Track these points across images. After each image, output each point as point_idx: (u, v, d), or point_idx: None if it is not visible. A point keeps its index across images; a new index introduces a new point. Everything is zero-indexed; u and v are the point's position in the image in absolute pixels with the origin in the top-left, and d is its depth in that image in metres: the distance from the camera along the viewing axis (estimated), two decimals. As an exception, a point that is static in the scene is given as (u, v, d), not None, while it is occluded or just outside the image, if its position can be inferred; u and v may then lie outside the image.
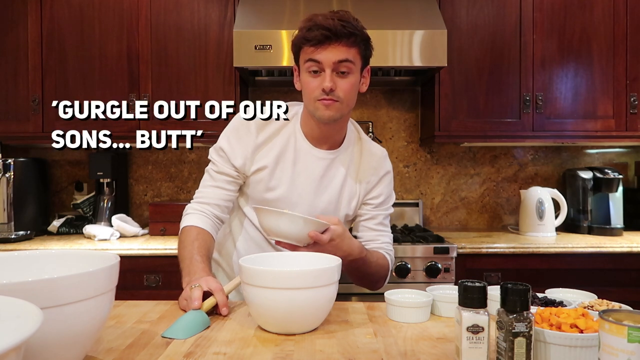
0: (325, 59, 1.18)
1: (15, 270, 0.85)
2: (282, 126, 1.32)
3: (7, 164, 2.32)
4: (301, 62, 1.24)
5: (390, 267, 1.37)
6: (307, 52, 1.21)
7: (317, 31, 1.17)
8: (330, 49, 1.18)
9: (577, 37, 2.43)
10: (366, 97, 2.79)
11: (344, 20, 1.18)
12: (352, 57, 1.20)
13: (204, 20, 2.42)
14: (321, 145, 1.31)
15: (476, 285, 0.75)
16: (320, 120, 1.24)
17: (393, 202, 1.42)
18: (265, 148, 1.30)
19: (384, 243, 1.37)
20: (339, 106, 1.22)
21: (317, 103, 1.21)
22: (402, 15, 2.32)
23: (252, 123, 1.30)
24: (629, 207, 2.57)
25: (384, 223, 1.39)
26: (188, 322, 0.96)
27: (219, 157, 1.32)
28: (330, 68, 1.19)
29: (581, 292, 1.02)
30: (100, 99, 2.41)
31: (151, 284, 2.14)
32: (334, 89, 1.19)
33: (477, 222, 2.82)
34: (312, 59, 1.20)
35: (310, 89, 1.22)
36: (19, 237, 2.28)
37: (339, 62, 1.18)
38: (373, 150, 1.38)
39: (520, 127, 2.43)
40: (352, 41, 1.19)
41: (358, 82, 1.25)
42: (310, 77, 1.22)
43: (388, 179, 1.38)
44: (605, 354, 0.64)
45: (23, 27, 2.41)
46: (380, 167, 1.37)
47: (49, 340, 0.67)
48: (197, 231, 1.26)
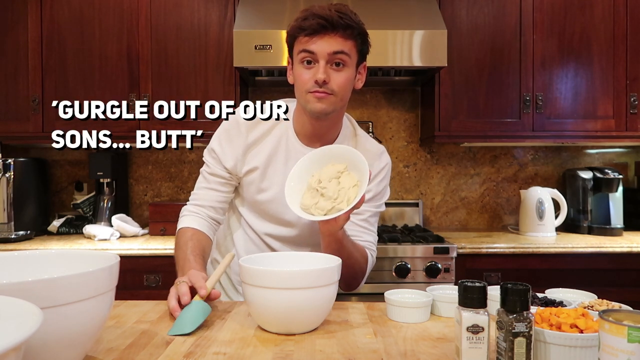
0: (320, 50, 1.15)
1: (15, 270, 0.85)
2: (274, 126, 1.28)
3: (7, 164, 2.32)
4: (295, 52, 1.20)
5: (369, 267, 1.30)
6: (302, 42, 1.17)
7: (313, 20, 1.13)
8: (326, 38, 1.14)
9: (577, 37, 2.43)
10: (366, 97, 2.79)
11: (341, 12, 1.15)
12: (347, 50, 1.16)
13: (204, 20, 2.42)
14: (313, 144, 1.27)
15: (476, 285, 0.75)
16: (311, 114, 1.21)
17: (385, 200, 1.36)
18: (256, 149, 1.27)
19: (367, 242, 1.31)
20: (332, 99, 1.18)
21: (309, 95, 1.18)
22: (402, 15, 2.32)
23: (242, 123, 1.27)
24: (629, 207, 2.57)
25: (369, 221, 1.32)
26: (189, 315, 0.96)
27: (212, 159, 1.30)
28: (324, 59, 1.15)
29: (581, 292, 1.02)
30: (100, 99, 2.41)
31: (151, 284, 2.14)
32: (328, 82, 1.15)
33: (477, 222, 2.82)
34: (306, 49, 1.16)
35: (303, 80, 1.18)
36: (19, 237, 2.28)
37: (334, 53, 1.15)
38: (367, 146, 1.33)
39: (520, 127, 2.43)
40: (349, 33, 1.15)
41: (353, 77, 1.21)
42: (304, 68, 1.18)
43: (380, 177, 1.32)
44: (605, 354, 0.64)
45: (23, 27, 2.41)
46: (373, 165, 1.29)
47: (49, 340, 0.67)
48: (191, 232, 1.25)
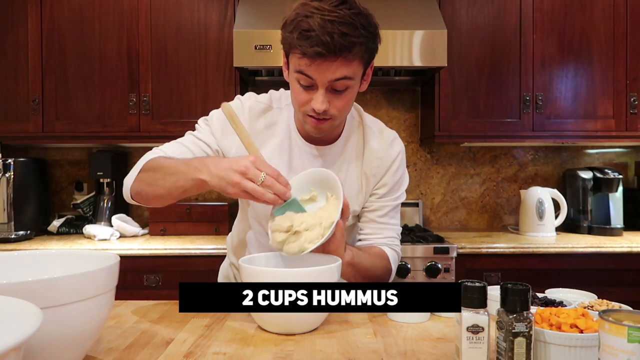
0: (319, 77, 1.01)
1: (15, 270, 0.85)
2: (274, 121, 1.20)
3: (7, 164, 2.32)
4: (290, 64, 1.06)
5: (394, 264, 1.24)
6: (298, 60, 1.02)
7: (311, 48, 0.97)
8: (326, 65, 0.99)
9: (577, 37, 2.43)
10: (366, 97, 2.79)
11: (347, 24, 0.96)
12: (351, 73, 1.02)
13: (204, 20, 2.42)
14: (316, 142, 1.19)
15: (476, 285, 0.75)
16: (309, 133, 1.13)
17: (404, 189, 1.26)
18: (258, 142, 1.16)
19: (387, 238, 1.23)
20: (332, 122, 1.09)
21: (307, 118, 1.08)
22: (402, 15, 2.32)
23: (247, 109, 1.18)
24: (629, 207, 2.57)
25: (389, 215, 1.23)
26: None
27: (206, 129, 1.19)
28: (324, 87, 1.02)
29: (581, 292, 1.02)
30: (100, 99, 2.43)
31: (151, 284, 2.14)
32: (328, 110, 1.04)
33: (477, 222, 2.82)
34: (303, 72, 1.02)
35: (299, 101, 1.07)
36: (19, 237, 2.28)
37: (335, 80, 1.01)
38: (375, 140, 1.22)
39: (520, 127, 2.43)
40: (354, 53, 0.99)
41: (356, 92, 1.09)
42: (301, 88, 1.05)
43: (395, 167, 1.22)
44: (605, 354, 0.64)
45: (23, 27, 2.42)
46: (386, 156, 1.21)
47: (49, 340, 0.67)
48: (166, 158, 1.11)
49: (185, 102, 2.42)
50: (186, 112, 2.42)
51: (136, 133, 2.41)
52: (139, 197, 1.14)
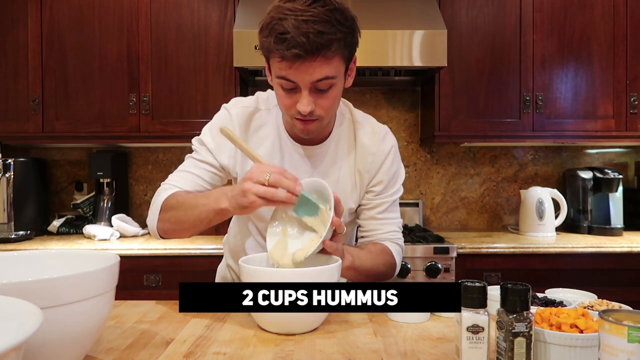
0: (301, 80, 1.00)
1: (15, 270, 0.85)
2: (263, 123, 1.20)
3: (7, 164, 2.32)
4: (272, 68, 1.05)
5: (398, 257, 1.25)
6: (278, 64, 1.01)
7: (288, 51, 0.95)
8: (306, 66, 0.98)
9: (577, 37, 2.43)
10: (366, 97, 2.79)
11: (322, 22, 0.95)
12: (333, 72, 1.01)
13: (204, 20, 2.42)
14: (306, 142, 1.18)
15: (476, 285, 0.75)
16: (298, 134, 1.13)
17: (400, 182, 1.26)
18: (252, 148, 1.13)
19: (388, 233, 1.23)
20: (319, 122, 1.08)
21: (295, 120, 1.07)
22: (402, 15, 2.32)
23: (235, 116, 1.18)
24: (629, 207, 2.57)
25: (389, 210, 1.23)
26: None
27: (203, 150, 1.20)
28: (307, 89, 1.01)
29: (581, 292, 1.02)
30: (100, 99, 2.43)
31: (151, 284, 2.14)
32: (313, 110, 1.04)
33: (477, 222, 2.82)
34: (284, 77, 1.01)
35: (284, 104, 1.07)
36: (19, 237, 2.28)
37: (317, 81, 1.00)
38: (366, 136, 1.22)
39: (520, 127, 2.43)
40: (333, 51, 0.98)
41: (341, 89, 1.08)
42: (284, 92, 1.05)
43: (388, 162, 1.21)
44: (605, 354, 0.64)
45: (23, 27, 2.42)
46: (379, 151, 1.21)
47: (49, 340, 0.67)
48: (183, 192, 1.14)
49: (185, 102, 2.42)
50: (186, 112, 2.42)
51: (136, 133, 2.41)
52: (167, 235, 1.17)
